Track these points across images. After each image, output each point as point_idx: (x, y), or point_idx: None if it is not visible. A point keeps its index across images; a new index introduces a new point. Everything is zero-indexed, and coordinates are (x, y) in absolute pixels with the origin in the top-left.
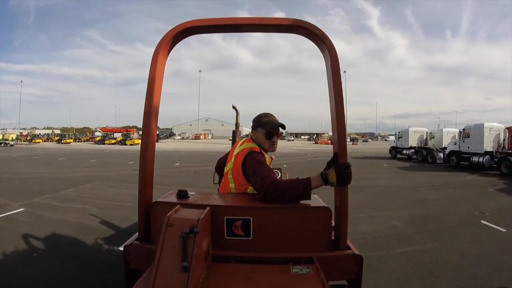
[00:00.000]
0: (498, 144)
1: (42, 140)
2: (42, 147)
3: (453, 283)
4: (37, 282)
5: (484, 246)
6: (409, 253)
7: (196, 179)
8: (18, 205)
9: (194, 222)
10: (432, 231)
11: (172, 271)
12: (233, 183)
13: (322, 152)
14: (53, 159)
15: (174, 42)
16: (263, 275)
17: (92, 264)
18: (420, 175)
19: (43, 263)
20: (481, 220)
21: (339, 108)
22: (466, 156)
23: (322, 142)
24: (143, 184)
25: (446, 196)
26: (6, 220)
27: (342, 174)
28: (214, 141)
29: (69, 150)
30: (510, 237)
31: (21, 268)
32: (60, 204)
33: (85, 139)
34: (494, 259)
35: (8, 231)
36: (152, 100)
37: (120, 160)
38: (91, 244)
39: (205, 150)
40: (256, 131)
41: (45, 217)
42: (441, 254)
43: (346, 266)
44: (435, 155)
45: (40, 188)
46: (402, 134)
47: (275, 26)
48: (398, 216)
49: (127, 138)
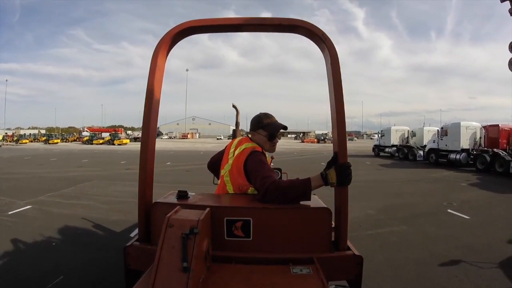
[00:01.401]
0: (474, 142)
1: (29, 140)
2: (30, 147)
3: (413, 255)
4: (63, 264)
5: (447, 229)
6: (379, 234)
7: (189, 177)
8: (24, 203)
9: (194, 223)
10: (402, 217)
11: (172, 272)
12: (230, 185)
13: (307, 151)
14: (45, 160)
15: (174, 42)
16: (263, 275)
17: (108, 249)
18: (399, 172)
19: (64, 250)
20: (448, 209)
21: (339, 107)
22: (444, 154)
23: (308, 141)
24: (143, 185)
25: (420, 190)
26: (17, 217)
27: (342, 174)
28: (202, 140)
29: (58, 151)
30: (472, 223)
31: (45, 255)
32: (65, 201)
33: (72, 139)
34: (454, 239)
35: (22, 225)
36: (152, 100)
37: (112, 160)
38: (104, 233)
39: (194, 149)
40: (257, 132)
41: (54, 213)
42: (406, 235)
43: (346, 267)
44: (416, 152)
45: (41, 187)
46: (385, 132)
47: (275, 26)
48: (373, 206)
49: (115, 138)
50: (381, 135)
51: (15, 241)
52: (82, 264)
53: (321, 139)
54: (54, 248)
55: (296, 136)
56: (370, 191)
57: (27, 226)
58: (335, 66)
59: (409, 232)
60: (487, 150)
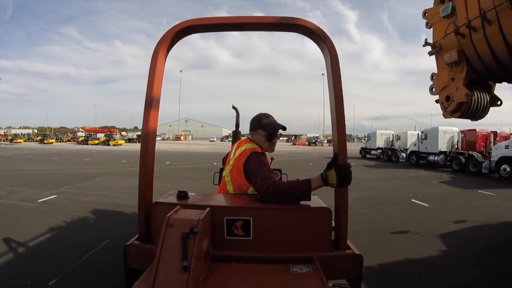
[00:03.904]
0: (452, 145)
1: (23, 140)
2: (26, 147)
3: (370, 228)
4: (105, 234)
5: (405, 212)
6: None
7: (190, 174)
8: (48, 193)
9: (194, 223)
10: (369, 204)
11: (172, 271)
12: (230, 185)
13: (298, 153)
14: (48, 158)
15: (174, 41)
16: (263, 274)
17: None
18: (380, 171)
19: (101, 225)
20: (412, 199)
21: (339, 108)
22: (424, 156)
23: (299, 144)
24: (143, 185)
25: (394, 185)
26: (48, 203)
27: (342, 175)
28: (195, 142)
29: (57, 150)
30: (429, 209)
31: (88, 228)
32: (85, 192)
33: (66, 139)
34: (409, 219)
35: (56, 209)
36: (152, 99)
37: (112, 159)
38: (130, 213)
39: (189, 150)
40: (256, 132)
41: (79, 200)
42: (369, 216)
43: (346, 266)
44: (399, 155)
45: (57, 182)
46: (371, 136)
47: (275, 25)
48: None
49: (110, 138)
50: (367, 138)
51: (57, 220)
52: (120, 233)
53: (312, 142)
54: (92, 224)
55: (288, 139)
56: (348, 186)
57: (60, 210)
58: (335, 66)
59: (373, 213)
60: (463, 152)
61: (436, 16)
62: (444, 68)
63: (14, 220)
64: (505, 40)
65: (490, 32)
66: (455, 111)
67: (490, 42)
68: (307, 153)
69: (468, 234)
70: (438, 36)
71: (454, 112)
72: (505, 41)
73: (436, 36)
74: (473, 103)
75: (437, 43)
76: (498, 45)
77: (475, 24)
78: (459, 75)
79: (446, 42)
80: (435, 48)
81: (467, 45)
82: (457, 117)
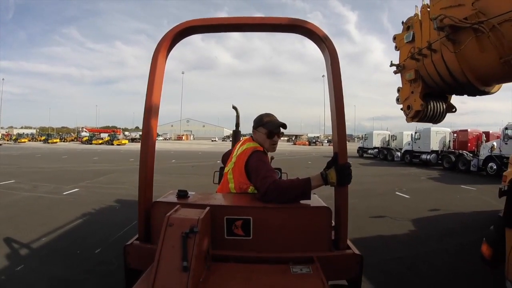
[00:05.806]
0: (444, 144)
1: (28, 139)
2: (32, 146)
3: (352, 214)
4: (132, 217)
5: (387, 202)
6: (331, 204)
7: (197, 170)
8: (70, 187)
9: (194, 222)
10: (356, 196)
11: (172, 271)
12: (232, 183)
13: (297, 152)
14: (57, 157)
15: (175, 41)
16: (263, 274)
17: None
18: (374, 169)
19: (126, 211)
20: (396, 192)
21: (339, 108)
22: (417, 154)
23: (300, 143)
24: (143, 184)
25: (383, 181)
26: (72, 195)
27: (342, 174)
28: (197, 142)
29: (63, 149)
30: (409, 199)
31: (114, 213)
32: (104, 186)
33: (70, 139)
34: (389, 207)
35: (81, 200)
36: (152, 100)
37: (119, 158)
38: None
39: (192, 150)
40: (257, 130)
41: (101, 192)
42: (354, 205)
43: (346, 266)
44: (394, 154)
45: (74, 177)
46: (368, 136)
47: (276, 26)
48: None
49: (114, 138)
50: (364, 138)
51: (87, 208)
52: None
53: (312, 141)
54: (118, 211)
55: (288, 139)
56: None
57: (86, 200)
58: (335, 66)
59: (357, 203)
60: (453, 151)
61: (402, 41)
62: (406, 83)
63: (47, 208)
64: (446, 65)
65: (435, 59)
66: (414, 117)
67: (436, 66)
68: (307, 152)
69: (439, 219)
70: (403, 57)
71: (413, 118)
72: (446, 66)
73: (402, 57)
74: (429, 111)
75: (401, 63)
76: (441, 68)
77: (425, 52)
78: (416, 89)
79: (407, 63)
80: (399, 67)
81: (420, 67)
82: (416, 122)
